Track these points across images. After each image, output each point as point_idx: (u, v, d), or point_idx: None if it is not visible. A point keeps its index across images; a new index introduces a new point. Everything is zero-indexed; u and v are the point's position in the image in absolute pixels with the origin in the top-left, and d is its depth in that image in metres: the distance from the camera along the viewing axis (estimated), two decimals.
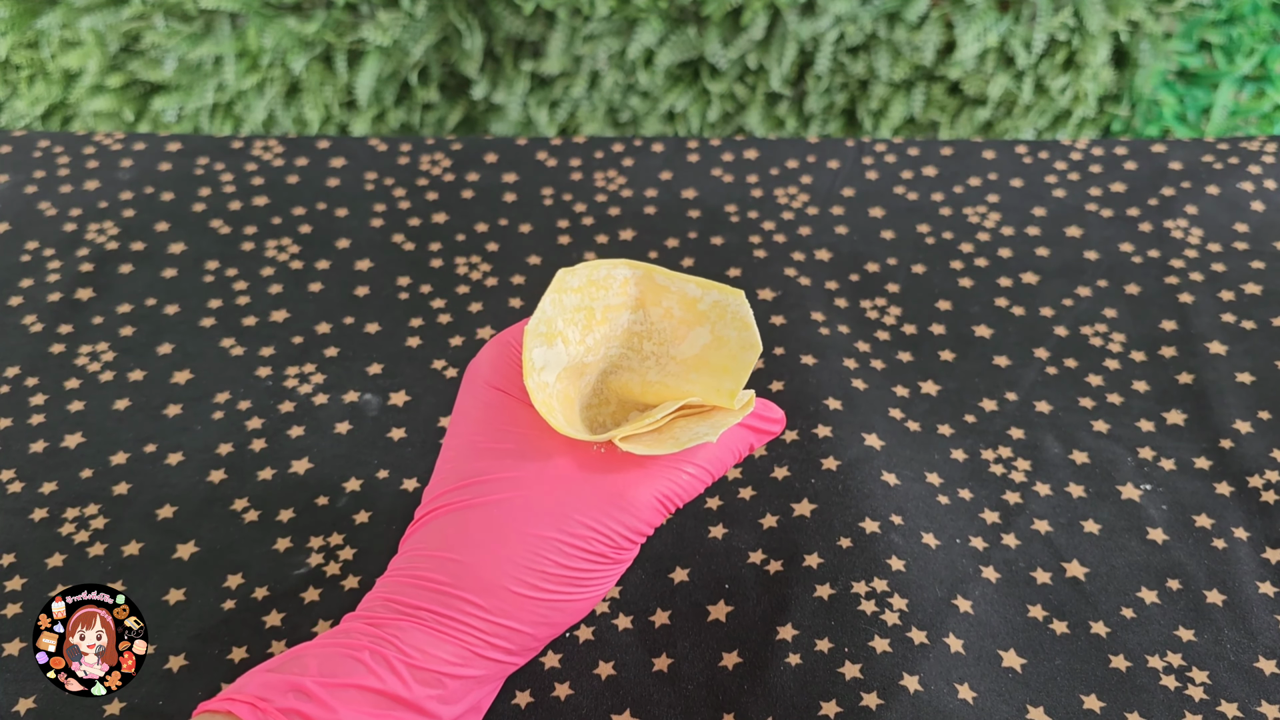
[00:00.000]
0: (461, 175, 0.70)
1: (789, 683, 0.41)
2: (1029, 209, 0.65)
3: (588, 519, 0.35)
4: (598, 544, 0.35)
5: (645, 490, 0.35)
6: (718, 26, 1.27)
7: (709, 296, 0.39)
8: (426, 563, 0.36)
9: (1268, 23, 1.30)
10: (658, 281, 0.39)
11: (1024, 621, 0.43)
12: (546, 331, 0.37)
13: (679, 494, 0.36)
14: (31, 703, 0.41)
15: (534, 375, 0.36)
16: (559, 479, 0.35)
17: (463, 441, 0.37)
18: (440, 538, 0.36)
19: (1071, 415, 0.52)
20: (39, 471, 0.51)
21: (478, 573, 0.35)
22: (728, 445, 0.37)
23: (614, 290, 0.39)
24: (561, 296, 0.38)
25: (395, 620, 0.35)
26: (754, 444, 0.39)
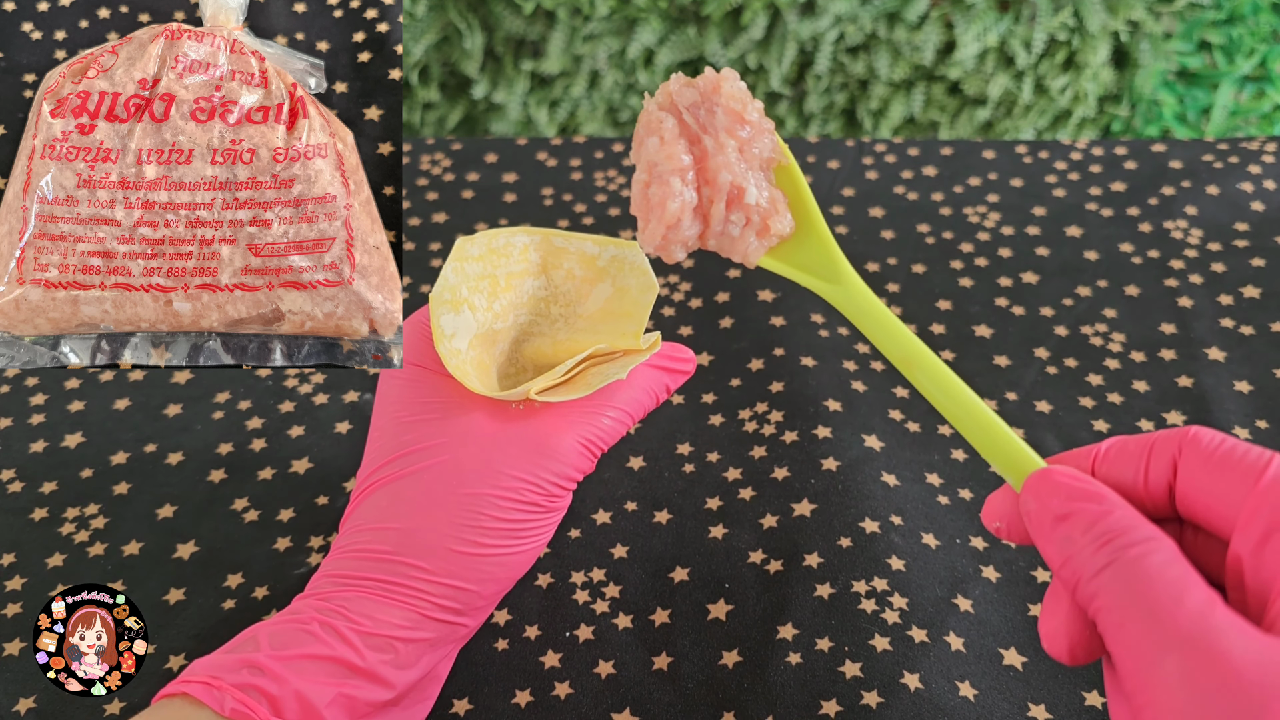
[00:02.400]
0: (461, 175, 0.69)
1: (789, 681, 0.41)
2: (1029, 208, 0.65)
3: (517, 471, 0.36)
4: (530, 494, 0.36)
5: (568, 436, 0.36)
6: (718, 26, 1.27)
7: (606, 252, 0.40)
8: (367, 536, 0.36)
9: (1268, 23, 1.30)
10: (555, 244, 0.40)
11: (1025, 620, 0.43)
12: (452, 299, 0.38)
13: (602, 437, 0.37)
14: (31, 703, 0.41)
15: (445, 342, 0.37)
16: (484, 437, 0.36)
17: (387, 419, 0.38)
18: (377, 511, 0.36)
19: (1072, 415, 0.52)
20: (39, 471, 0.51)
21: (418, 537, 0.35)
22: (643, 387, 0.39)
23: (514, 258, 0.40)
24: (463, 265, 0.39)
25: (342, 592, 0.35)
26: (670, 385, 0.40)
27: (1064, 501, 0.26)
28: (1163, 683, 0.22)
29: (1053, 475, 0.27)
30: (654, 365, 0.40)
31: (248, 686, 0.32)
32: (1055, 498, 0.26)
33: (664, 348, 0.40)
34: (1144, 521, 0.25)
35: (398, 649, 0.34)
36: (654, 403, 0.40)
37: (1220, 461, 0.26)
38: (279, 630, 0.34)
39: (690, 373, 0.41)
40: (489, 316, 0.40)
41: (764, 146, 0.34)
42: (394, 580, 0.35)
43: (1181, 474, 0.26)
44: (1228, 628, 0.22)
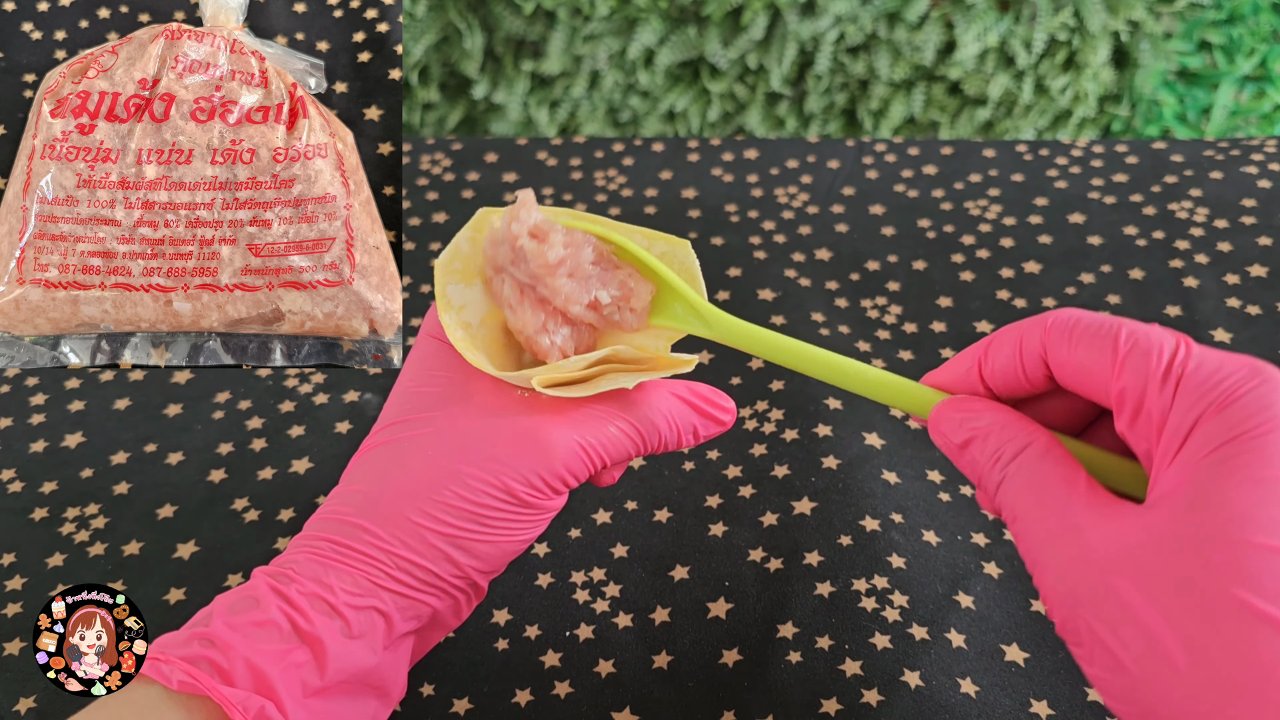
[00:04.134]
0: (461, 175, 0.70)
1: (790, 680, 0.41)
2: (1030, 200, 0.65)
3: (500, 454, 0.34)
4: (508, 481, 0.34)
5: (565, 434, 0.34)
6: (718, 26, 1.27)
7: (656, 247, 0.37)
8: (335, 498, 0.35)
9: (1268, 23, 1.30)
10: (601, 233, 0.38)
11: (1026, 615, 0.43)
12: (463, 269, 0.36)
13: (605, 445, 0.35)
14: (31, 702, 0.41)
15: (450, 313, 0.36)
16: (474, 416, 0.35)
17: (397, 388, 0.37)
18: (352, 474, 0.36)
19: None
20: (39, 471, 0.51)
21: (379, 502, 0.34)
22: (663, 412, 0.36)
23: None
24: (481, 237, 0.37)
25: (294, 554, 0.34)
26: (697, 427, 0.37)
27: (957, 431, 0.29)
28: (1046, 576, 0.26)
29: (943, 412, 0.30)
30: (685, 400, 0.37)
31: (197, 659, 0.31)
32: (951, 432, 0.30)
33: (703, 389, 0.37)
34: (1023, 430, 0.28)
35: (346, 617, 0.33)
36: (674, 435, 0.37)
37: (1079, 341, 0.28)
38: (232, 599, 0.33)
39: (727, 425, 0.38)
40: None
41: (586, 256, 0.35)
42: (347, 543, 0.34)
43: (1051, 360, 0.29)
44: (1085, 509, 0.25)
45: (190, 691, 0.31)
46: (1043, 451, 0.28)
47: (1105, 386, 0.27)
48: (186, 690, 0.31)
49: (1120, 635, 0.24)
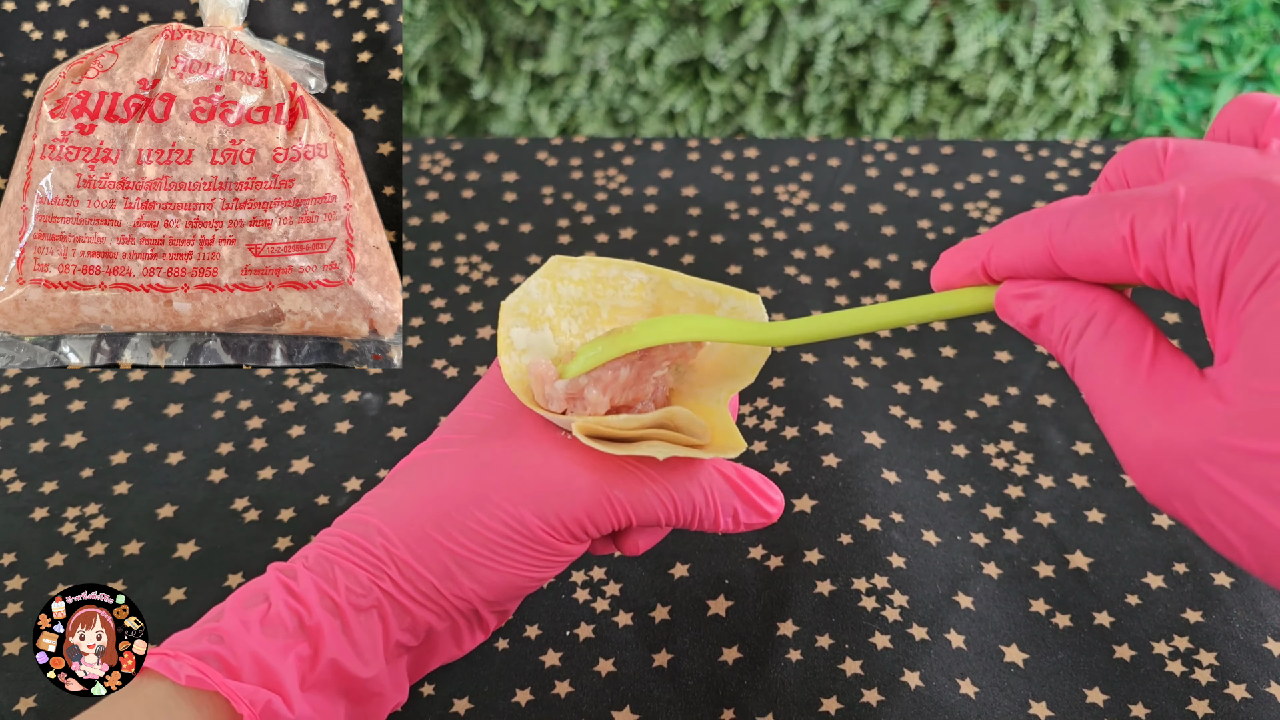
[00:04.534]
0: (461, 175, 0.70)
1: (789, 679, 0.41)
2: (1030, 203, 0.65)
3: (525, 485, 0.34)
4: (526, 513, 0.34)
5: (594, 481, 0.34)
6: (718, 26, 1.27)
7: (727, 303, 0.37)
8: (365, 499, 0.36)
9: (1268, 23, 1.30)
10: (675, 288, 0.38)
11: (1026, 616, 0.43)
12: (530, 314, 0.37)
13: (632, 504, 0.34)
14: (32, 702, 0.41)
15: (511, 354, 0.36)
16: (513, 447, 0.35)
17: (454, 412, 0.38)
18: (388, 480, 0.36)
19: (1074, 407, 0.52)
20: (39, 471, 0.51)
21: (401, 508, 0.35)
22: (704, 487, 0.35)
23: (626, 292, 0.38)
24: (556, 284, 0.37)
25: (309, 550, 0.35)
26: (739, 511, 0.36)
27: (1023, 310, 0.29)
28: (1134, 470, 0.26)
29: (1007, 294, 0.29)
30: (731, 480, 0.36)
31: (205, 654, 0.32)
32: (1018, 312, 0.29)
33: (753, 475, 0.36)
34: (1085, 301, 0.27)
35: (345, 614, 0.33)
36: (711, 513, 0.36)
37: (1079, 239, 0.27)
38: (245, 595, 0.34)
39: (771, 517, 0.37)
40: (579, 344, 0.37)
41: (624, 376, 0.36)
42: (360, 541, 0.34)
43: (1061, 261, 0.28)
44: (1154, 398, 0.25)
45: (198, 686, 0.31)
46: (1106, 326, 0.27)
47: (1129, 274, 0.26)
48: (194, 685, 0.31)
49: (1225, 516, 0.24)
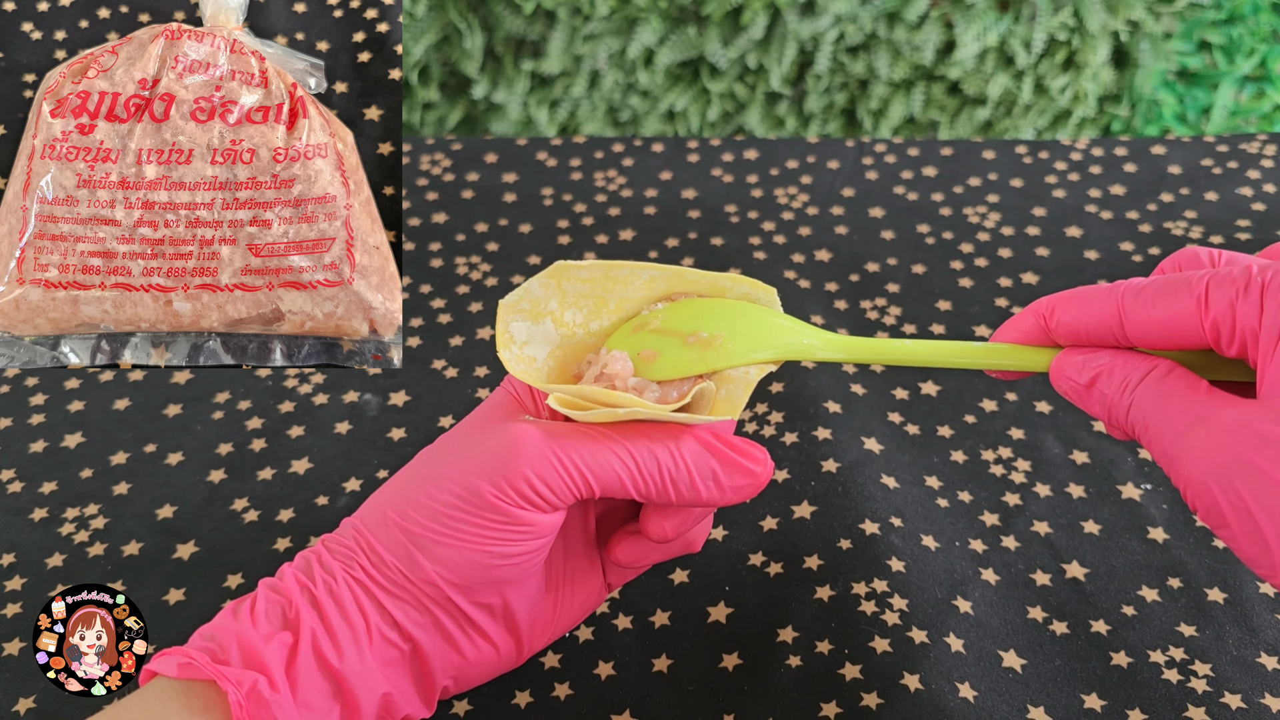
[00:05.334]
0: (461, 175, 0.69)
1: (789, 684, 0.41)
2: (1029, 209, 0.65)
3: (473, 454, 0.34)
4: (474, 480, 0.33)
5: (544, 442, 0.33)
6: (718, 26, 1.27)
7: (739, 288, 0.37)
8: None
9: (1268, 23, 1.30)
10: (687, 278, 0.38)
11: (1023, 623, 0.43)
12: (531, 309, 0.37)
13: (586, 461, 0.33)
14: (31, 703, 0.41)
15: (511, 348, 0.36)
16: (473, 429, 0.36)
17: None
18: None
19: (1071, 415, 0.52)
20: (39, 471, 0.51)
21: (373, 503, 0.36)
22: (672, 450, 0.34)
23: (636, 286, 0.38)
24: (560, 283, 0.37)
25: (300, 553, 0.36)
26: (718, 472, 0.35)
27: (1082, 371, 0.33)
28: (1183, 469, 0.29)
29: (1068, 358, 0.34)
30: (705, 443, 0.35)
31: (198, 648, 0.33)
32: (1077, 373, 0.34)
33: (732, 437, 0.35)
34: (1145, 359, 0.32)
35: (321, 604, 0.33)
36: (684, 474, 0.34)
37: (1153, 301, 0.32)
38: (235, 602, 0.35)
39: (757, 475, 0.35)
40: (582, 333, 0.37)
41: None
42: (337, 536, 0.35)
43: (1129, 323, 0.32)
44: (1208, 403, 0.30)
45: (188, 675, 0.32)
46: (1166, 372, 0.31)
47: (1193, 329, 0.30)
48: (185, 674, 0.32)
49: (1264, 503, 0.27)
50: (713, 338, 0.36)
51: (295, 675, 0.32)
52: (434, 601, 0.34)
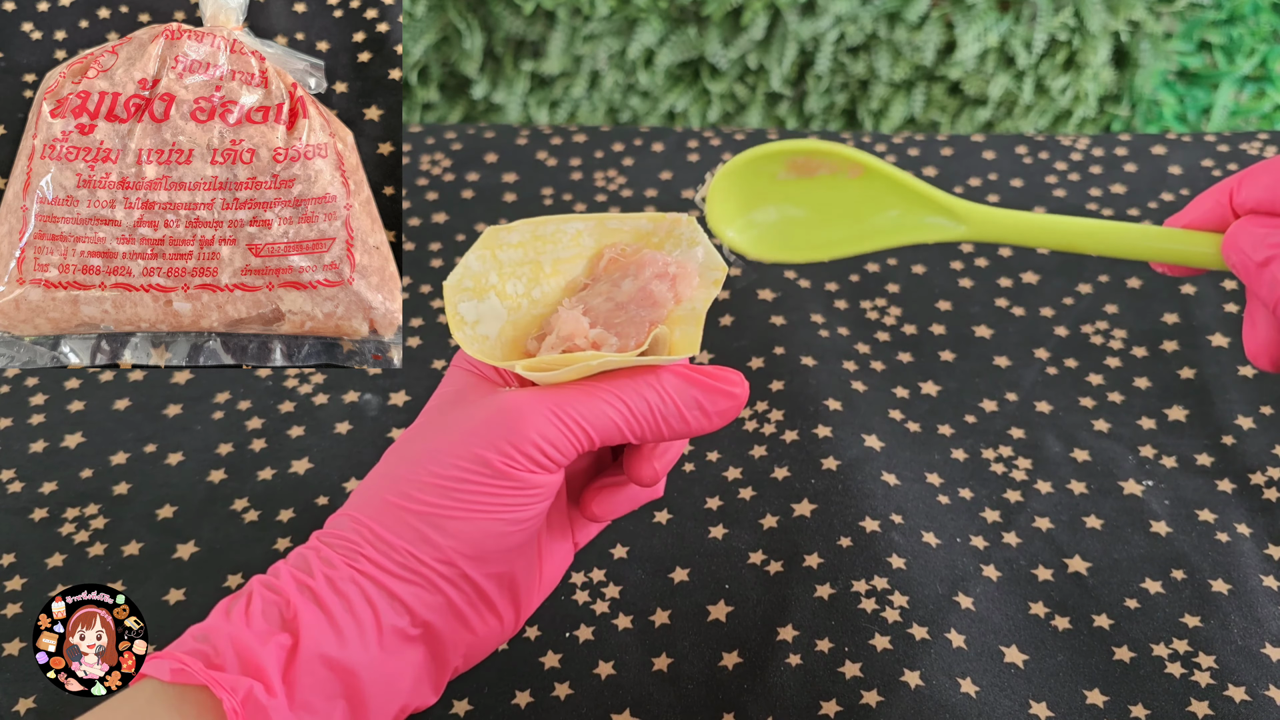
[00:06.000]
0: (461, 175, 0.69)
1: (789, 682, 0.41)
2: (1029, 207, 0.65)
3: (472, 426, 0.34)
4: (478, 450, 0.33)
5: (540, 403, 0.33)
6: (718, 26, 1.27)
7: (660, 227, 0.39)
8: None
9: (1268, 23, 1.30)
10: (609, 226, 0.39)
11: (1025, 619, 0.43)
12: (475, 286, 0.37)
13: (584, 417, 0.34)
14: (31, 703, 0.41)
15: (465, 329, 0.36)
16: (455, 406, 0.35)
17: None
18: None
19: (1072, 415, 0.52)
20: (39, 471, 0.51)
21: (363, 490, 0.35)
22: (656, 388, 0.35)
23: (564, 244, 0.39)
24: (495, 252, 0.38)
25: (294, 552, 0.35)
26: (701, 400, 0.35)
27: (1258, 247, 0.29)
28: None
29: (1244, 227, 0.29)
30: (683, 375, 0.35)
31: (190, 651, 0.32)
32: (1252, 249, 0.29)
33: (706, 367, 0.36)
34: None
35: (323, 599, 0.33)
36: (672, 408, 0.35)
37: None
38: (228, 600, 0.34)
39: (737, 397, 0.36)
40: (526, 303, 0.38)
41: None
42: (334, 532, 0.35)
43: None
44: None
45: (181, 680, 0.31)
46: None
47: None
48: (178, 679, 0.31)
49: None
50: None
51: (293, 677, 0.32)
52: (447, 580, 0.34)
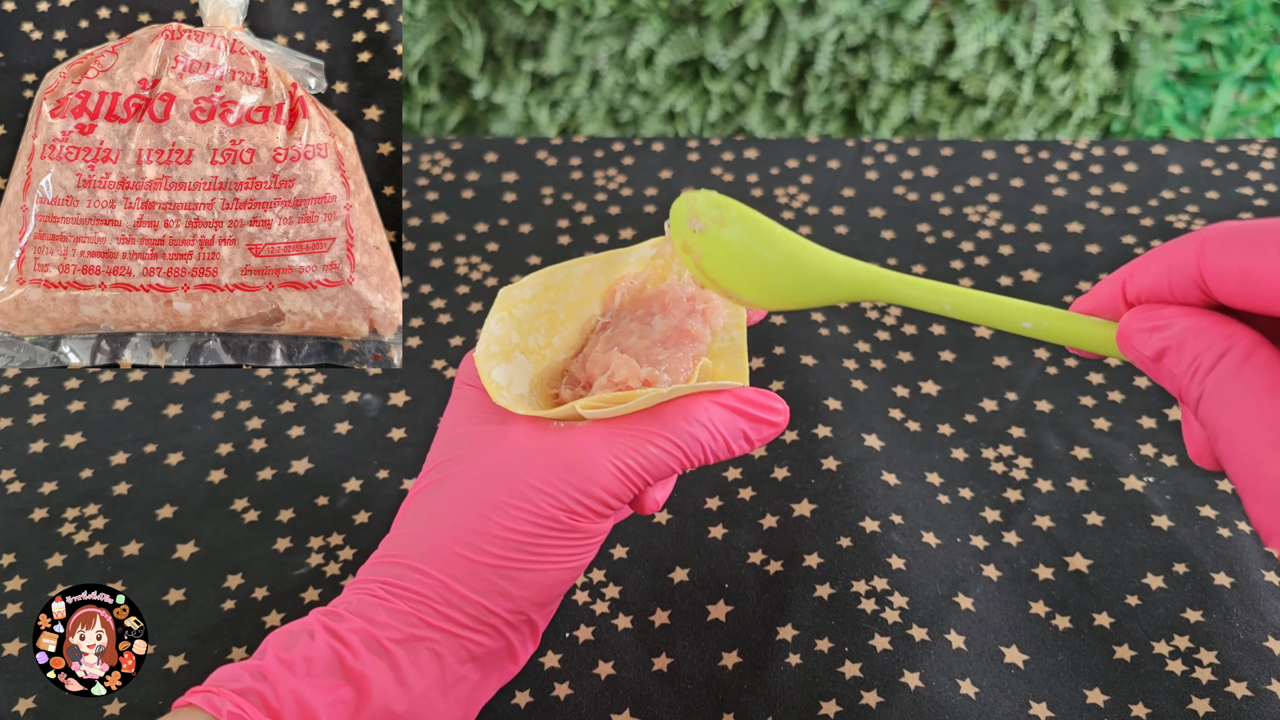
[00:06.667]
0: (461, 175, 0.69)
1: (789, 682, 0.41)
2: (1029, 207, 0.65)
3: (536, 480, 0.34)
4: (548, 507, 0.34)
5: (601, 454, 0.34)
6: (718, 26, 1.27)
7: (664, 249, 0.39)
8: (385, 544, 0.36)
9: (1268, 23, 1.30)
10: (614, 260, 0.39)
11: (1026, 618, 0.43)
12: (501, 350, 0.37)
13: (642, 464, 0.34)
14: (31, 703, 0.41)
15: (502, 393, 0.36)
16: (514, 449, 0.35)
17: (437, 437, 0.38)
18: (399, 520, 0.36)
19: (1072, 413, 0.52)
20: (39, 471, 0.51)
21: (426, 539, 0.35)
22: (705, 423, 0.35)
23: (575, 288, 0.39)
24: (510, 312, 0.38)
25: (348, 595, 0.35)
26: (747, 431, 0.36)
27: (1148, 342, 0.27)
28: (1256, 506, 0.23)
29: (1132, 323, 0.27)
30: (729, 407, 0.36)
31: (247, 691, 0.32)
32: (1143, 344, 0.27)
33: (749, 392, 0.36)
34: (1220, 334, 0.25)
35: (392, 654, 0.33)
36: (720, 443, 0.36)
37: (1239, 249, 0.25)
38: (285, 635, 0.34)
39: (779, 425, 0.37)
40: (549, 352, 0.38)
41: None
42: (397, 583, 0.34)
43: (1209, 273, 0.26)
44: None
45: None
46: (1243, 358, 0.24)
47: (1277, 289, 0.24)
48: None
49: None
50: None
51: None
52: (511, 626, 0.35)
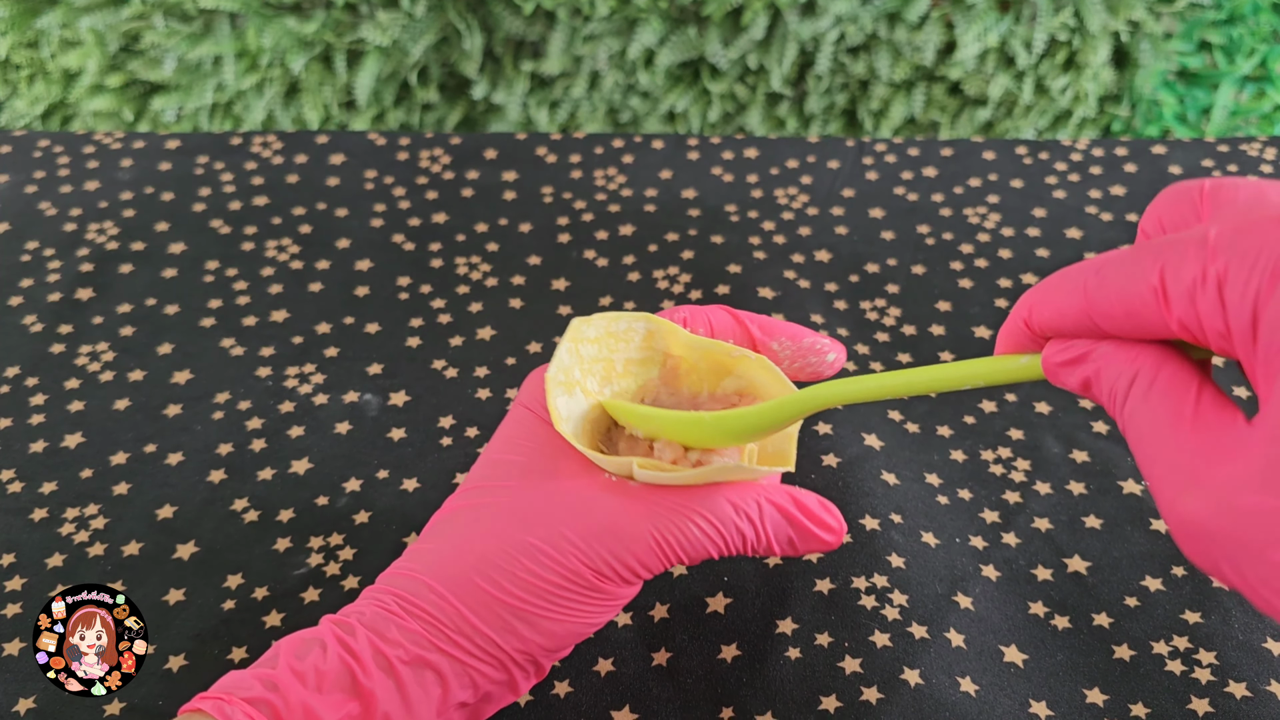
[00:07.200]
0: (461, 173, 0.70)
1: (789, 676, 0.41)
2: (1029, 210, 0.65)
3: (574, 534, 0.34)
4: (578, 563, 0.34)
5: (644, 524, 0.34)
6: (718, 26, 1.27)
7: (736, 352, 0.38)
8: (408, 555, 0.36)
9: (1268, 23, 1.30)
10: (680, 338, 0.39)
11: (1025, 618, 0.43)
12: (565, 380, 0.37)
13: (681, 541, 0.34)
14: (31, 703, 0.41)
15: (562, 424, 0.36)
16: (556, 493, 0.35)
17: (483, 456, 0.38)
18: (428, 534, 0.36)
19: (1071, 416, 0.52)
20: (39, 471, 0.51)
21: (449, 561, 0.34)
22: (754, 520, 0.35)
23: (635, 344, 0.39)
24: (578, 346, 0.38)
25: (360, 606, 0.35)
26: (795, 540, 0.36)
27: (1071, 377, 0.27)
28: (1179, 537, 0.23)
29: (1050, 361, 0.28)
30: (784, 510, 0.36)
31: (257, 700, 0.32)
32: (1068, 379, 0.27)
33: (809, 500, 0.36)
34: (1126, 361, 0.25)
35: (400, 674, 0.33)
36: (763, 544, 0.36)
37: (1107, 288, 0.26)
38: (298, 643, 0.34)
39: (830, 545, 0.36)
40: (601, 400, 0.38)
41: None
42: (412, 600, 0.34)
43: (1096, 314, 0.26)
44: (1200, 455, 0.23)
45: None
46: (1148, 385, 0.25)
47: (1161, 326, 0.24)
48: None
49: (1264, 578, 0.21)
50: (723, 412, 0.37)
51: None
52: (516, 664, 0.35)
